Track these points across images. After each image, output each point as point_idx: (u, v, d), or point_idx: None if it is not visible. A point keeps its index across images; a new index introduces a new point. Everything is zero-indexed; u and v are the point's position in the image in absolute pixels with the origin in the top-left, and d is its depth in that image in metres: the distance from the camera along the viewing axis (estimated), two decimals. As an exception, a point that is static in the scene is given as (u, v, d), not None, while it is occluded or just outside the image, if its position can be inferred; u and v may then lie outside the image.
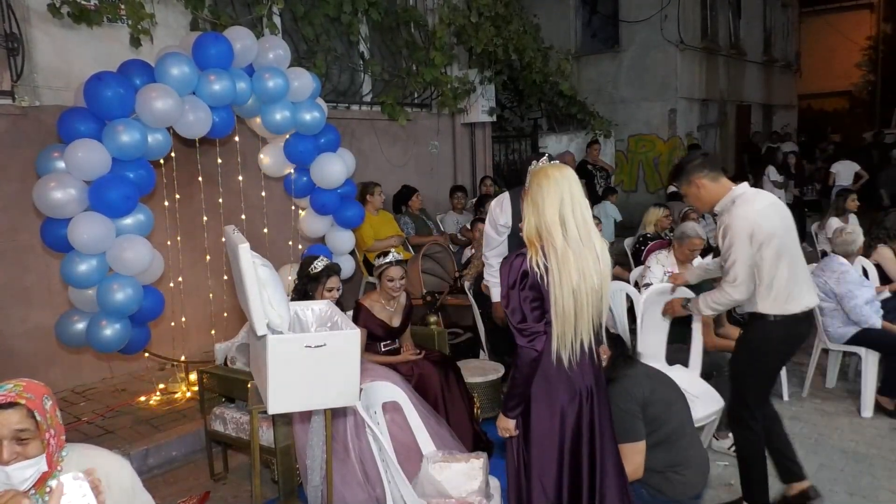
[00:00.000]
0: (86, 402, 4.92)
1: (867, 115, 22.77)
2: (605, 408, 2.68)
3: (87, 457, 2.05)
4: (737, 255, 3.11)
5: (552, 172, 2.54)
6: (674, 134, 12.76)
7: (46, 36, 4.86)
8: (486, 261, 4.20)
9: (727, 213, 3.19)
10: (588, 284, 2.47)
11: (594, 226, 2.55)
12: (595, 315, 2.54)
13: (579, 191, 2.51)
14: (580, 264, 2.46)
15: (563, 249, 2.45)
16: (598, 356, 2.66)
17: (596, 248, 2.50)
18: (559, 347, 2.51)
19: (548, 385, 2.58)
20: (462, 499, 3.02)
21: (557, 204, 2.48)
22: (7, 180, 4.75)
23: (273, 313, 2.70)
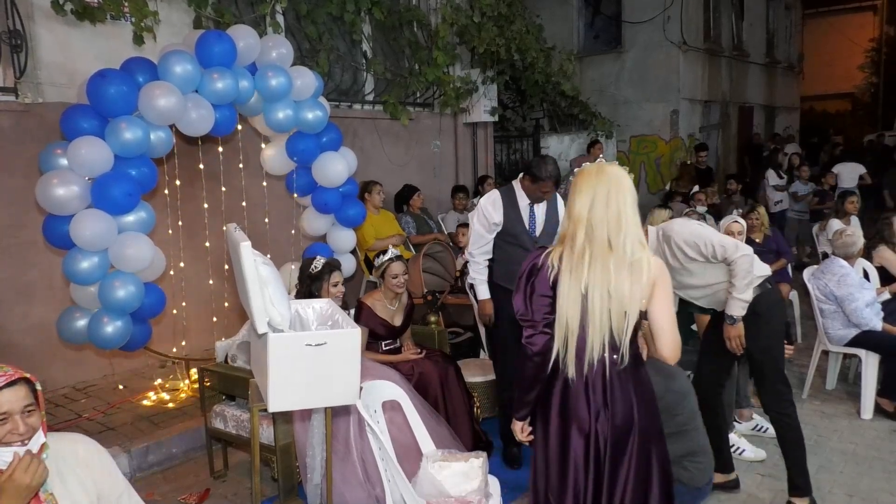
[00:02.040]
0: (86, 398, 4.94)
1: (869, 118, 22.76)
2: (628, 433, 2.36)
3: (61, 440, 2.08)
4: (712, 237, 3.36)
5: (591, 170, 2.39)
6: (676, 135, 12.76)
7: (50, 33, 4.87)
8: (471, 258, 4.14)
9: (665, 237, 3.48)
10: (605, 293, 2.25)
11: (635, 232, 2.30)
12: (615, 328, 2.28)
13: (619, 193, 2.30)
14: (599, 271, 2.26)
15: (579, 252, 2.29)
16: (617, 375, 2.35)
17: (626, 253, 2.27)
18: (561, 357, 2.35)
19: (547, 397, 2.43)
20: (461, 498, 3.02)
21: (587, 204, 2.31)
22: (10, 176, 4.76)
23: (274, 311, 2.71)
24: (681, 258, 3.41)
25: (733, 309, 3.36)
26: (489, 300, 4.13)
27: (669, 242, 3.43)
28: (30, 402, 1.92)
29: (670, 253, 3.43)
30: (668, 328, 2.37)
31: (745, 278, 3.30)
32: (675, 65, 12.62)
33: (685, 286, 3.54)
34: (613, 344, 2.31)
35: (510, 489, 3.72)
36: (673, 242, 3.42)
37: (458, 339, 5.48)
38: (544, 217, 4.08)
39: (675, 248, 3.41)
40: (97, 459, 2.12)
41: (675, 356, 2.41)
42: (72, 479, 2.02)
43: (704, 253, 3.34)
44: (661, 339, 2.38)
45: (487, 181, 8.15)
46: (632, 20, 12.79)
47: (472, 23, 7.81)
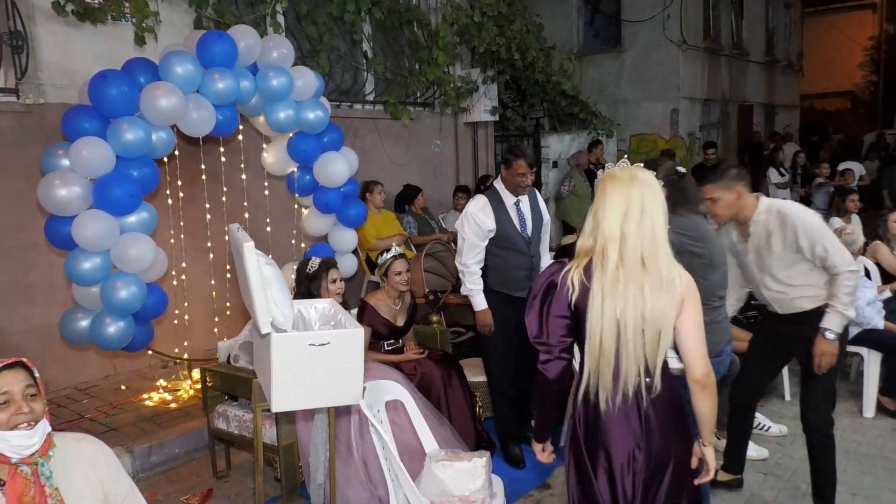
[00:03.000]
0: (89, 399, 4.94)
1: (869, 116, 22.77)
2: (664, 468, 2.17)
3: (67, 439, 2.09)
4: (831, 242, 3.13)
5: (621, 175, 2.14)
6: (676, 134, 12.76)
7: (51, 34, 4.87)
8: (465, 269, 3.99)
9: (780, 217, 3.16)
10: (639, 316, 2.07)
11: (667, 249, 2.11)
12: (649, 354, 2.10)
13: (654, 206, 2.09)
14: (633, 291, 2.07)
15: (613, 271, 2.08)
16: (652, 403, 2.16)
17: (662, 274, 2.07)
18: (591, 387, 2.18)
19: (574, 430, 2.26)
20: (465, 497, 3.03)
21: (620, 215, 2.09)
22: (11, 178, 4.76)
23: (277, 311, 2.71)
24: (784, 244, 3.15)
25: (834, 323, 3.14)
26: (487, 310, 4.03)
27: (784, 223, 3.14)
28: (30, 384, 1.94)
29: (780, 235, 3.15)
30: (698, 347, 2.15)
31: (850, 294, 3.13)
32: (675, 63, 12.62)
33: (765, 272, 3.28)
34: (648, 370, 2.13)
35: (513, 488, 3.73)
36: (790, 225, 3.13)
37: (460, 338, 5.48)
38: (531, 215, 4.04)
39: (789, 232, 3.13)
40: (103, 459, 2.12)
41: (706, 378, 2.16)
42: (78, 477, 2.02)
43: (814, 251, 3.11)
44: (691, 358, 2.15)
45: (488, 181, 8.15)
46: (631, 19, 12.78)
47: (473, 22, 7.81)
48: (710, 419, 2.21)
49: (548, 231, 4.27)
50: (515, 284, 3.99)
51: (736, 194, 3.20)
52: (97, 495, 2.05)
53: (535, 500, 3.81)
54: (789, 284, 3.25)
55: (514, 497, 3.71)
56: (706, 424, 2.22)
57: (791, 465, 4.05)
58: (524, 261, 3.99)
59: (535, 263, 4.03)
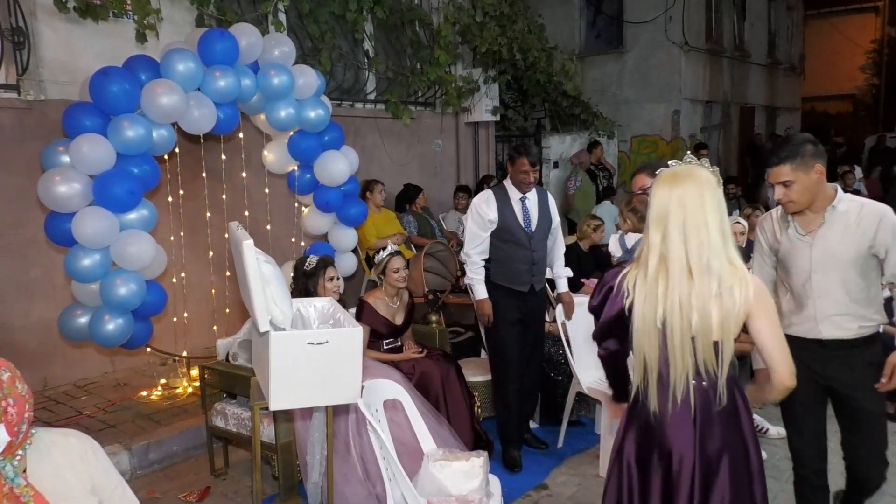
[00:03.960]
0: (87, 396, 4.94)
1: (871, 119, 22.75)
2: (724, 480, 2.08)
3: (54, 434, 2.08)
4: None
5: (668, 175, 2.07)
6: (677, 135, 12.75)
7: (52, 30, 4.87)
8: (467, 259, 4.16)
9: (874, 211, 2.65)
10: (686, 325, 1.99)
11: (723, 250, 2.00)
12: (707, 364, 2.02)
13: (699, 202, 2.00)
14: (677, 299, 1.99)
15: (653, 278, 2.02)
16: (712, 416, 2.08)
17: (717, 281, 1.98)
18: (641, 391, 2.14)
19: (624, 431, 2.23)
20: (462, 497, 3.03)
21: (662, 218, 2.02)
22: (12, 174, 4.76)
23: (276, 310, 2.72)
24: (870, 244, 2.63)
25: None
26: (487, 300, 4.14)
27: (881, 218, 2.63)
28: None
29: (871, 231, 2.63)
30: (778, 346, 2.05)
31: None
32: (677, 65, 12.61)
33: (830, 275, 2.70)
34: (703, 380, 2.05)
35: (511, 489, 3.73)
36: (882, 226, 2.61)
37: (459, 338, 5.49)
38: (538, 213, 4.12)
39: (881, 232, 2.61)
40: (91, 452, 2.13)
41: (791, 379, 2.08)
42: (67, 471, 2.03)
43: (886, 252, 2.64)
44: (775, 362, 2.07)
45: (489, 180, 8.15)
46: (633, 20, 12.77)
47: (475, 22, 7.81)
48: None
49: (559, 234, 4.34)
50: (517, 278, 4.09)
51: (817, 175, 2.63)
52: (86, 489, 2.05)
53: (533, 500, 3.82)
54: (856, 298, 2.69)
55: (511, 497, 3.72)
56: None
57: (790, 466, 4.04)
58: (525, 255, 4.07)
59: (536, 259, 4.11)
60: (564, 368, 4.62)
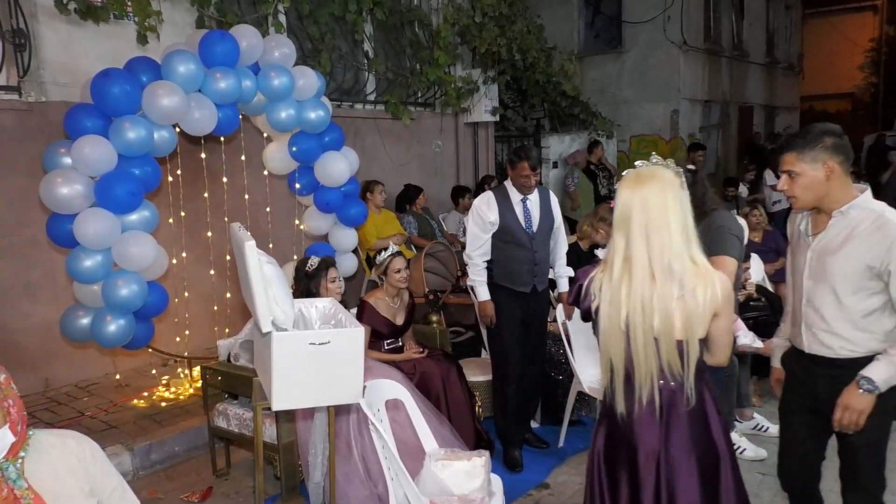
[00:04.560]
0: (89, 396, 4.95)
1: (869, 118, 22.77)
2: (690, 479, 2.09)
3: (51, 435, 2.09)
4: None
5: (630, 178, 2.07)
6: (676, 135, 12.77)
7: (53, 32, 4.88)
8: (469, 260, 4.17)
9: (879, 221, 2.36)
10: (648, 327, 1.99)
11: (686, 251, 1.99)
12: (666, 364, 2.02)
13: (662, 203, 1.98)
14: (639, 301, 1.99)
15: (618, 278, 2.03)
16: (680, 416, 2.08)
17: (681, 281, 1.97)
18: (608, 392, 2.14)
19: (597, 427, 2.25)
20: (464, 496, 3.04)
21: (626, 220, 2.02)
22: (13, 175, 4.77)
23: (278, 310, 2.72)
24: (866, 258, 2.35)
25: (881, 375, 2.32)
26: (489, 301, 4.14)
27: (883, 231, 2.33)
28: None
29: (867, 244, 2.35)
30: (727, 341, 2.12)
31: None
32: (676, 65, 12.63)
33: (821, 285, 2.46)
34: (670, 381, 2.06)
35: (512, 488, 3.74)
36: (888, 237, 2.31)
37: (460, 338, 5.50)
38: (539, 213, 4.12)
39: (882, 245, 2.32)
40: (89, 453, 2.13)
41: (727, 360, 2.18)
42: (65, 472, 2.03)
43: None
44: (718, 350, 2.13)
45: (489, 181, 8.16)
46: (632, 20, 12.79)
47: (474, 23, 7.83)
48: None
49: (561, 234, 4.34)
50: (519, 279, 4.09)
51: (826, 172, 2.38)
52: (84, 490, 2.06)
53: (534, 499, 3.83)
54: (844, 317, 2.43)
55: (512, 497, 3.73)
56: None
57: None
58: (527, 255, 4.08)
59: (538, 259, 4.12)
60: (565, 368, 4.63)
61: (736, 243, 3.11)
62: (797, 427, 2.71)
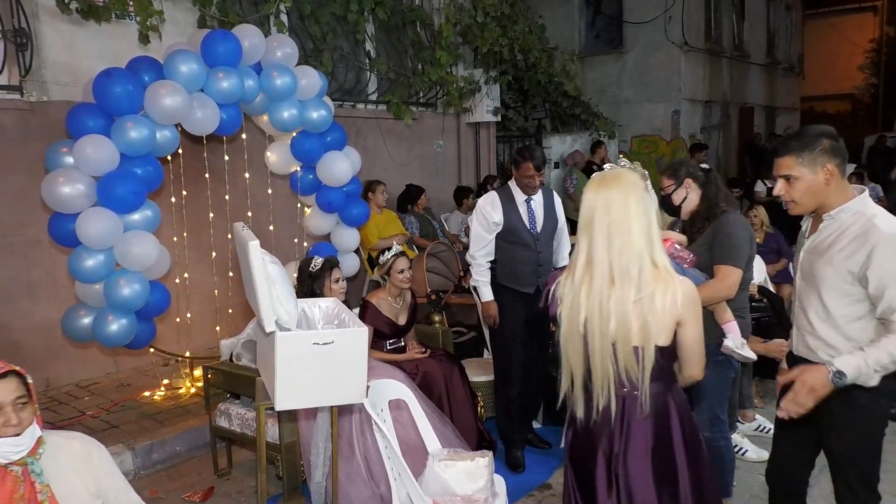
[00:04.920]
0: (90, 396, 4.95)
1: (870, 118, 22.77)
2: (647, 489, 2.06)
3: (58, 437, 2.11)
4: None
5: (594, 181, 2.06)
6: (677, 135, 12.77)
7: (55, 31, 4.88)
8: (473, 260, 4.16)
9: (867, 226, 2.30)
10: (605, 331, 1.98)
11: (643, 258, 1.96)
12: (623, 370, 2.00)
13: (624, 206, 1.97)
14: (597, 306, 1.98)
15: (579, 281, 2.02)
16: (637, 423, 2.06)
17: (638, 285, 1.95)
18: (569, 395, 2.12)
19: (566, 427, 2.25)
20: (467, 496, 3.04)
21: (589, 223, 2.01)
22: (15, 175, 4.77)
23: (282, 310, 2.72)
24: (849, 261, 2.30)
25: (850, 368, 2.19)
26: (493, 302, 4.14)
27: (867, 237, 2.27)
28: (21, 395, 1.97)
29: (851, 247, 2.30)
30: (697, 352, 2.06)
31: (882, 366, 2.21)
32: (677, 65, 12.64)
33: (810, 286, 2.45)
34: (624, 386, 2.04)
35: (515, 488, 3.74)
36: (871, 243, 2.26)
37: (462, 338, 5.49)
38: (543, 214, 4.12)
39: (864, 250, 2.27)
40: (96, 456, 2.15)
41: (702, 374, 2.12)
42: (71, 473, 2.05)
43: (883, 292, 2.23)
44: (689, 362, 2.07)
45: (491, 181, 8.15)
46: (633, 20, 12.79)
47: (476, 23, 7.82)
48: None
49: (564, 235, 4.34)
50: (523, 280, 4.09)
51: (825, 176, 2.32)
52: (90, 491, 2.07)
53: (537, 500, 3.83)
54: (829, 323, 2.39)
55: (515, 497, 3.72)
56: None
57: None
58: (531, 256, 4.07)
59: (542, 260, 4.11)
60: (567, 368, 4.62)
61: (744, 251, 3.08)
62: (789, 433, 2.67)
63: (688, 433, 2.11)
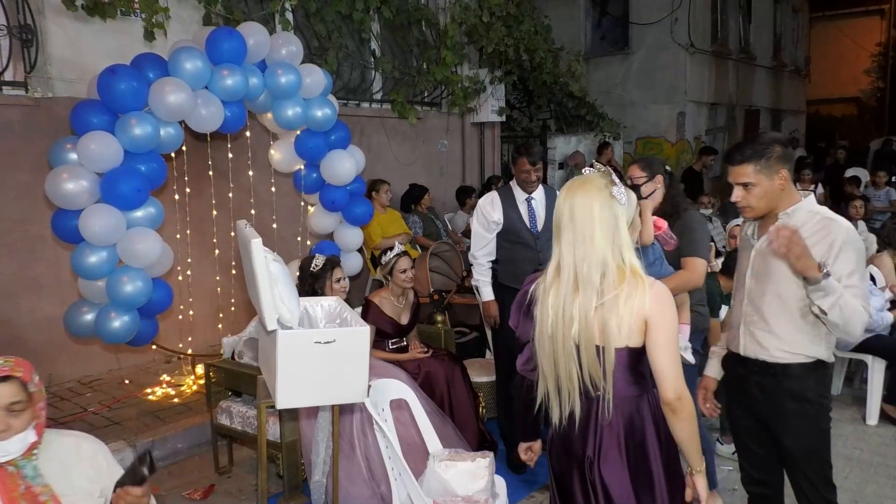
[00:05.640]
0: (92, 392, 4.95)
1: (876, 122, 22.69)
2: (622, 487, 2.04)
3: (64, 436, 2.10)
4: (863, 272, 2.43)
5: (564, 188, 2.08)
6: (682, 137, 12.74)
7: (60, 28, 4.88)
8: (473, 260, 4.16)
9: (826, 223, 2.41)
10: (569, 334, 1.99)
11: (605, 264, 1.96)
12: (587, 375, 2.00)
13: (588, 213, 1.97)
14: (562, 308, 1.99)
15: (548, 285, 2.04)
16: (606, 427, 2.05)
17: (600, 291, 1.95)
18: (544, 403, 2.12)
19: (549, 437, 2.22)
20: (468, 497, 3.03)
21: (558, 229, 2.04)
22: (19, 171, 4.77)
23: (283, 308, 2.71)
24: (821, 258, 2.33)
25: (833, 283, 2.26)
26: (493, 301, 4.14)
27: (829, 233, 2.39)
28: (16, 400, 1.92)
29: (825, 248, 2.37)
30: (668, 367, 1.96)
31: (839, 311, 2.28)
32: (682, 67, 12.60)
33: (763, 286, 2.53)
34: (593, 390, 2.01)
35: (516, 489, 3.73)
36: (833, 238, 2.37)
37: (465, 338, 5.48)
38: (545, 213, 4.11)
39: (825, 244, 2.38)
40: (101, 457, 2.14)
41: (677, 402, 1.98)
42: (76, 474, 2.04)
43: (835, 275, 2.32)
44: (660, 378, 1.98)
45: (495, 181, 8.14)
46: (639, 22, 12.77)
47: (481, 22, 7.81)
48: (689, 445, 2.02)
49: None
50: (524, 279, 4.04)
51: (780, 182, 2.42)
52: (92, 493, 2.06)
53: (537, 501, 3.82)
54: (785, 318, 2.48)
55: (516, 498, 3.71)
56: (687, 451, 2.03)
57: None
58: (532, 255, 4.05)
59: (543, 259, 4.07)
60: (569, 369, 4.61)
61: (706, 244, 3.43)
62: (744, 434, 2.74)
63: (664, 439, 2.07)
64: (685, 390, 1.98)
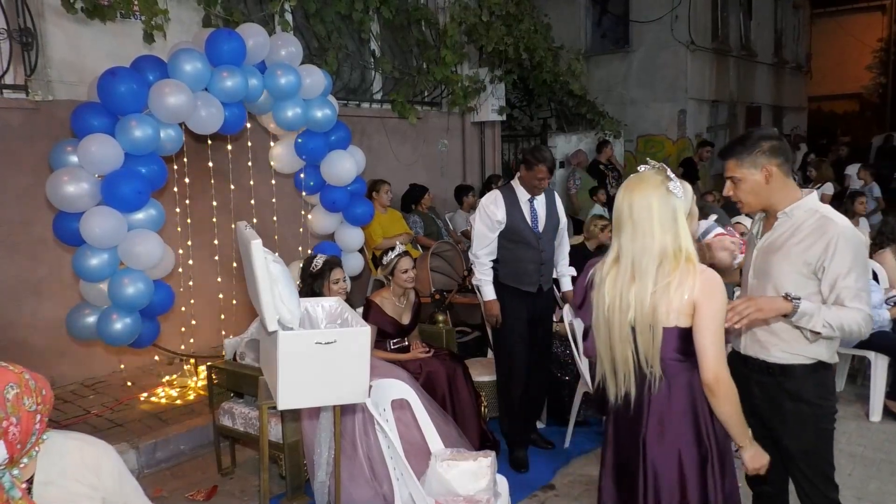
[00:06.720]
0: (95, 394, 4.95)
1: (877, 118, 22.64)
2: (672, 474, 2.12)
3: (69, 439, 2.07)
4: (866, 281, 2.43)
5: (624, 182, 2.18)
6: (683, 135, 12.72)
7: (60, 31, 4.88)
8: (476, 259, 4.17)
9: (823, 222, 2.43)
10: (625, 320, 2.11)
11: (665, 252, 2.06)
12: (643, 357, 2.10)
13: (647, 209, 2.07)
14: (619, 294, 2.12)
15: (606, 273, 2.18)
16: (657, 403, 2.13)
17: (655, 281, 2.06)
18: (601, 382, 2.23)
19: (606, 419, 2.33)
20: (470, 497, 3.03)
21: (618, 224, 2.15)
22: (20, 174, 4.77)
23: (284, 309, 2.71)
24: (809, 255, 2.41)
25: (808, 307, 2.33)
26: (495, 301, 4.14)
27: (825, 232, 2.40)
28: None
29: (808, 243, 2.43)
30: (709, 348, 2.05)
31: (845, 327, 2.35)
32: (683, 64, 12.58)
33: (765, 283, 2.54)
34: (647, 371, 2.11)
35: (518, 489, 3.73)
36: (829, 238, 2.39)
37: (466, 338, 5.49)
38: (545, 213, 4.12)
39: (821, 244, 2.40)
40: (106, 462, 2.10)
41: (715, 384, 2.05)
42: (75, 478, 2.02)
43: (836, 282, 2.38)
44: (701, 359, 2.07)
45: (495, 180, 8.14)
46: (639, 19, 12.74)
47: (481, 21, 7.80)
48: (732, 423, 2.11)
49: (565, 234, 4.36)
50: (526, 279, 4.10)
51: (764, 175, 2.46)
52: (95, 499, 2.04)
53: (540, 500, 3.81)
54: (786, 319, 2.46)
55: (518, 497, 3.71)
56: (731, 429, 2.13)
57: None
58: (534, 255, 4.07)
59: (544, 259, 4.12)
60: (571, 369, 4.61)
61: None
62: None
63: (713, 417, 2.16)
64: (724, 372, 2.07)
